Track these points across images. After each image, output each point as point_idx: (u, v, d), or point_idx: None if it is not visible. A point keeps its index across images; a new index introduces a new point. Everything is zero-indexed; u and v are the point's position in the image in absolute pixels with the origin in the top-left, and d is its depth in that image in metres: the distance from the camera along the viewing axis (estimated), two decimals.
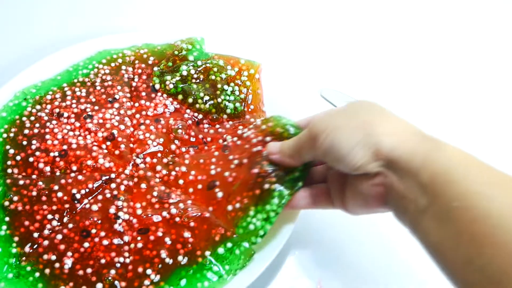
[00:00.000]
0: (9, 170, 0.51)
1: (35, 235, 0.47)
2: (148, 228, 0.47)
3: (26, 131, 0.54)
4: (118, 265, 0.45)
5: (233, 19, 0.76)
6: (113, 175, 0.51)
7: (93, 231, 0.47)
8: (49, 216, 0.48)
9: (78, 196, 0.49)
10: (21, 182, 0.50)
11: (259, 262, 0.46)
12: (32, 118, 0.55)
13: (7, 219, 0.48)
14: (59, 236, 0.46)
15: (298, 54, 0.71)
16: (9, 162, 0.52)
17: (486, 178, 0.34)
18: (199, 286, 0.44)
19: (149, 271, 0.45)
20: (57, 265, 0.45)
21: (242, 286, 0.45)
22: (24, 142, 0.53)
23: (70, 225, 0.47)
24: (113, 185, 0.50)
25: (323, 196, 0.45)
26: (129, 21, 0.74)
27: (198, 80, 0.58)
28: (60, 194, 0.49)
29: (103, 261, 0.45)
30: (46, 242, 0.46)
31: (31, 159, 0.52)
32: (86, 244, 0.46)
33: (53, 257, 0.45)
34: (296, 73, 0.68)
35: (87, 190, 0.49)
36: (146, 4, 0.76)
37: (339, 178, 0.43)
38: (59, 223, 0.48)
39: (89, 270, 0.45)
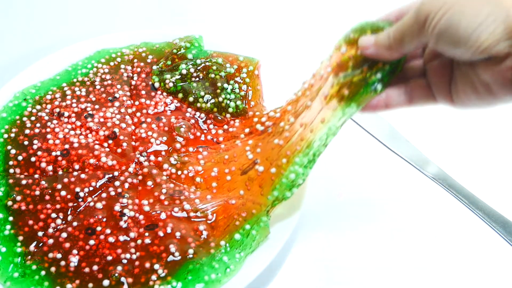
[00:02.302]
0: (11, 170, 0.51)
1: (40, 234, 0.47)
2: (156, 224, 0.47)
3: (27, 131, 0.54)
4: (124, 261, 0.45)
5: (230, 16, 0.76)
6: (116, 173, 0.51)
7: (98, 228, 0.47)
8: (53, 215, 0.48)
9: (81, 194, 0.49)
10: (23, 181, 0.50)
11: (260, 260, 0.47)
12: (33, 118, 0.55)
13: (10, 218, 0.48)
14: (64, 235, 0.46)
15: (295, 49, 0.72)
16: (11, 162, 0.52)
17: None
18: (206, 279, 0.45)
19: (156, 266, 0.45)
20: (62, 263, 0.45)
21: (243, 284, 0.45)
22: (26, 142, 0.53)
23: (75, 223, 0.47)
24: (117, 183, 0.50)
25: (422, 91, 0.40)
26: (127, 20, 0.74)
27: (197, 79, 0.59)
28: (63, 193, 0.49)
29: (109, 258, 0.45)
30: (51, 241, 0.46)
31: (33, 159, 0.52)
32: (92, 242, 0.46)
33: (59, 255, 0.45)
34: (294, 67, 0.68)
35: (91, 188, 0.50)
36: (144, 3, 0.77)
37: (444, 68, 0.38)
38: (63, 222, 0.48)
39: (95, 267, 0.45)
